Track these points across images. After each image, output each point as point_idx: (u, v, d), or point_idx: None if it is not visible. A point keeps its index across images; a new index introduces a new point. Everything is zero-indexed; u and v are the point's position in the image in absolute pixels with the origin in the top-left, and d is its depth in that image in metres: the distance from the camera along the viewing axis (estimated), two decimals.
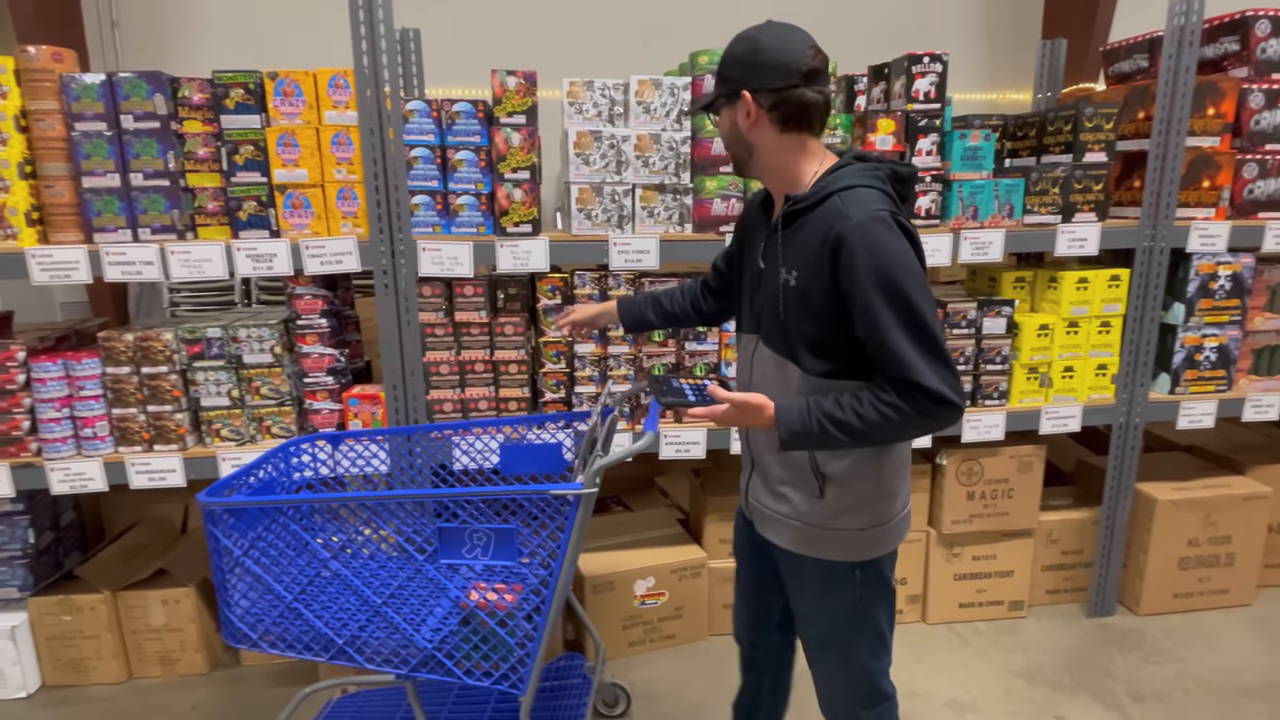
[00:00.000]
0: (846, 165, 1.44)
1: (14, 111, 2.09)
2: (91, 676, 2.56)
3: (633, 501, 3.29)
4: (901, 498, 1.56)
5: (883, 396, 1.35)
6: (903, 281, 1.31)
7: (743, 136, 1.46)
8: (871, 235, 1.32)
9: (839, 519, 1.50)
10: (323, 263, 2.21)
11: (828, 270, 1.37)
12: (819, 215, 1.40)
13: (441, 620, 1.79)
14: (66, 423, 2.26)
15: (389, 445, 2.28)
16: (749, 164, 1.51)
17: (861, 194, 1.37)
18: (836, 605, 1.56)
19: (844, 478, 1.48)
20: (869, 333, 1.35)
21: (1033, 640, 2.77)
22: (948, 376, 1.32)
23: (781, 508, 1.56)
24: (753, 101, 1.41)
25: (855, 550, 1.51)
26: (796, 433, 1.39)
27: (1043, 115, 2.66)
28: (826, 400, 1.39)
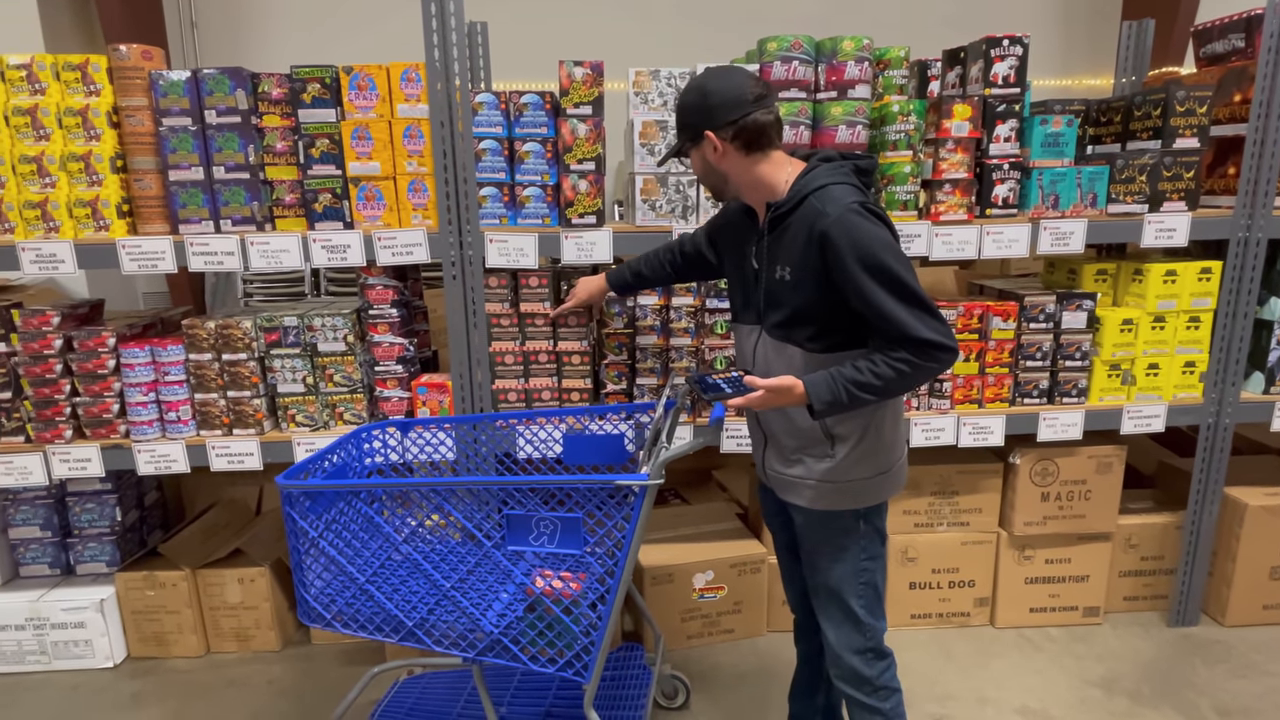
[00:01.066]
0: (815, 168, 1.64)
1: (107, 108, 2.19)
2: (172, 650, 2.68)
3: (690, 495, 3.28)
4: (899, 447, 1.77)
5: (892, 354, 1.53)
6: (882, 257, 1.51)
7: (715, 169, 1.67)
8: (849, 225, 1.52)
9: (849, 471, 1.69)
10: (394, 254, 2.25)
11: (816, 262, 1.57)
12: (800, 215, 1.59)
13: (507, 606, 1.81)
14: (152, 406, 2.36)
15: (455, 433, 2.32)
16: (726, 189, 1.72)
17: (834, 190, 1.57)
18: (841, 554, 1.74)
19: (851, 434, 1.68)
20: (865, 307, 1.54)
21: (1109, 648, 2.66)
22: (940, 327, 1.52)
23: (797, 470, 1.74)
24: (715, 138, 1.61)
25: (862, 497, 1.71)
26: (828, 401, 1.56)
27: (1129, 100, 2.54)
28: (845, 369, 1.56)
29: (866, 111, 2.27)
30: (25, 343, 2.28)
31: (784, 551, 2.02)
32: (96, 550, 2.70)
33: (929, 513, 2.70)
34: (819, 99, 2.29)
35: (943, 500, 2.69)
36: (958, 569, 2.73)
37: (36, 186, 2.19)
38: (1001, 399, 2.52)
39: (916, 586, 2.74)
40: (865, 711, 1.78)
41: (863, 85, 2.26)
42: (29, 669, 2.61)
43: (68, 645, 2.60)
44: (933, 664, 2.57)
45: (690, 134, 1.66)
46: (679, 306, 2.42)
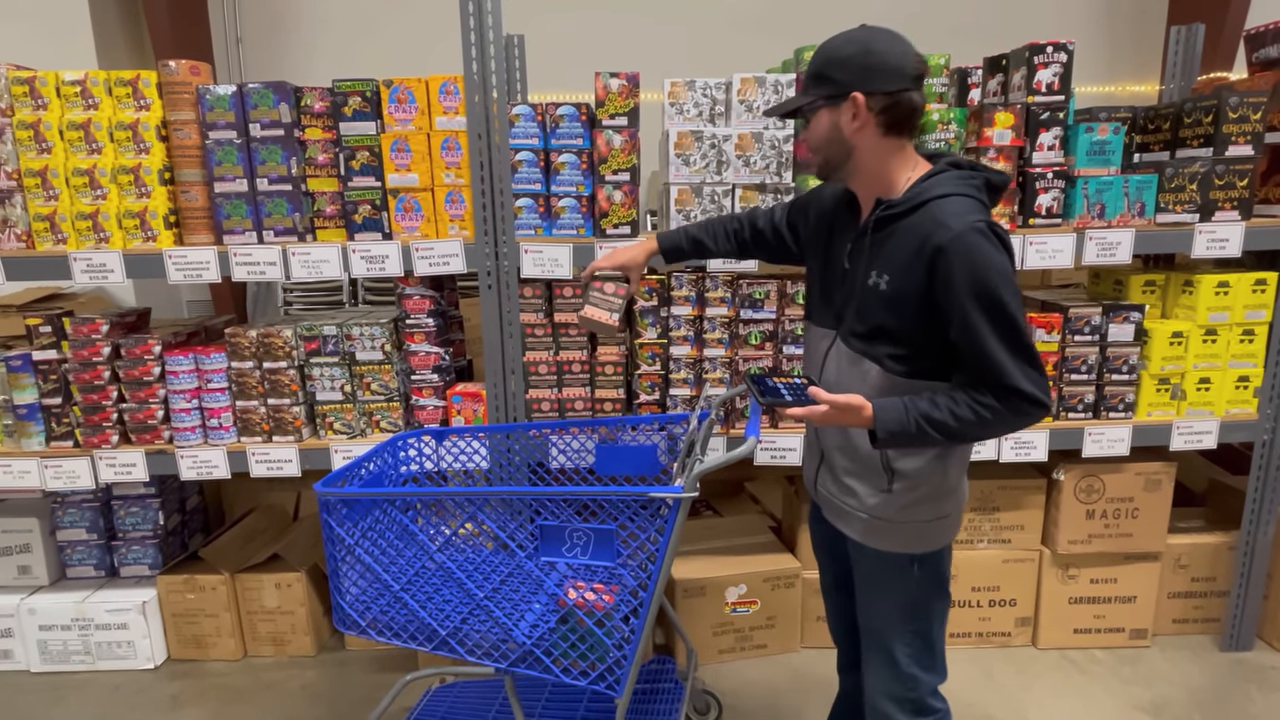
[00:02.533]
0: (942, 172, 1.46)
1: (156, 122, 2.25)
2: (211, 652, 2.73)
3: (722, 506, 3.25)
4: (962, 490, 1.62)
5: (978, 398, 1.40)
6: (999, 291, 1.35)
7: (844, 139, 1.45)
8: (971, 246, 1.35)
9: (906, 512, 1.55)
10: (431, 264, 2.28)
11: (923, 278, 1.40)
12: (914, 222, 1.42)
13: (540, 617, 1.81)
14: (195, 413, 2.41)
15: (489, 442, 2.33)
16: (842, 167, 1.51)
17: (957, 203, 1.40)
18: (891, 597, 1.60)
19: (912, 472, 1.53)
20: (965, 340, 1.39)
21: (1158, 672, 2.57)
22: (1039, 379, 1.38)
23: (849, 500, 1.61)
24: (864, 103, 1.40)
25: (918, 542, 1.57)
26: (894, 432, 1.42)
27: (1178, 106, 2.47)
28: (921, 400, 1.42)
29: None
30: (75, 350, 2.35)
31: (831, 584, 1.91)
32: (140, 553, 2.76)
33: (969, 529, 2.63)
34: None
35: (983, 516, 2.62)
36: (998, 587, 2.67)
37: (88, 198, 2.26)
38: None
39: (956, 605, 2.68)
40: None
41: None
42: (74, 668, 2.67)
43: (111, 646, 2.65)
44: (972, 685, 2.51)
45: (832, 90, 1.42)
46: (713, 317, 2.40)
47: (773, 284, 2.38)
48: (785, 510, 2.99)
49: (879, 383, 1.49)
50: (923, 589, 1.59)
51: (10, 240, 2.29)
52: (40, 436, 2.41)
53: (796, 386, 1.47)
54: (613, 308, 1.90)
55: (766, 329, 2.42)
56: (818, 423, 1.46)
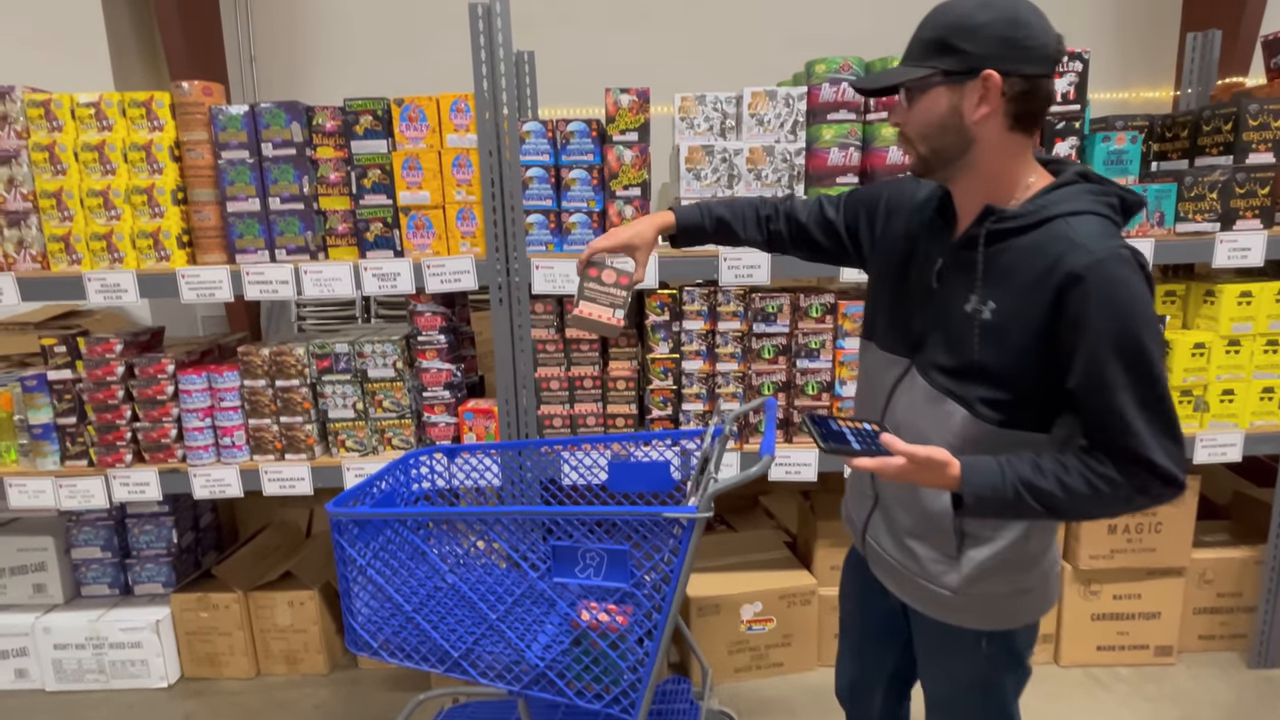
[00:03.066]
0: (1072, 184, 1.20)
1: (169, 142, 2.26)
2: (224, 671, 2.72)
3: (737, 521, 3.22)
4: (1050, 556, 1.36)
5: (1096, 467, 1.14)
6: (1145, 340, 1.11)
7: (964, 128, 1.17)
8: (1115, 280, 1.10)
9: (975, 584, 1.30)
10: (443, 281, 2.27)
11: (1046, 311, 1.14)
12: (1038, 241, 1.16)
13: (553, 639, 1.79)
14: (208, 431, 2.41)
15: (501, 459, 2.31)
16: (954, 163, 1.22)
17: (1093, 223, 1.15)
18: (957, 674, 1.41)
19: (988, 538, 1.28)
20: (1093, 395, 1.13)
21: (1184, 690, 2.51)
22: (1177, 454, 1.13)
23: (908, 562, 1.37)
24: (1001, 84, 1.13)
25: (990, 618, 1.33)
26: (985, 498, 1.16)
27: (1197, 114, 2.44)
28: (1022, 463, 1.17)
29: None
30: (89, 369, 2.36)
31: (856, 635, 1.66)
32: (154, 571, 2.76)
33: None
34: (869, 120, 2.25)
35: None
36: None
37: (103, 219, 2.27)
38: None
39: None
40: None
41: None
42: (88, 687, 2.67)
43: (125, 665, 2.65)
44: None
45: (959, 64, 1.14)
46: (725, 331, 2.39)
47: (785, 297, 2.36)
48: (800, 525, 2.96)
49: (964, 430, 1.23)
50: (993, 666, 1.35)
51: (25, 261, 2.31)
52: (55, 456, 2.42)
53: (866, 433, 1.23)
54: (614, 302, 1.51)
55: (780, 343, 2.39)
56: (890, 477, 1.18)
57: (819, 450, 1.24)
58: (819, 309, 2.36)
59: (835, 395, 2.41)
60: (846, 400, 2.40)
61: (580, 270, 1.54)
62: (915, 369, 1.31)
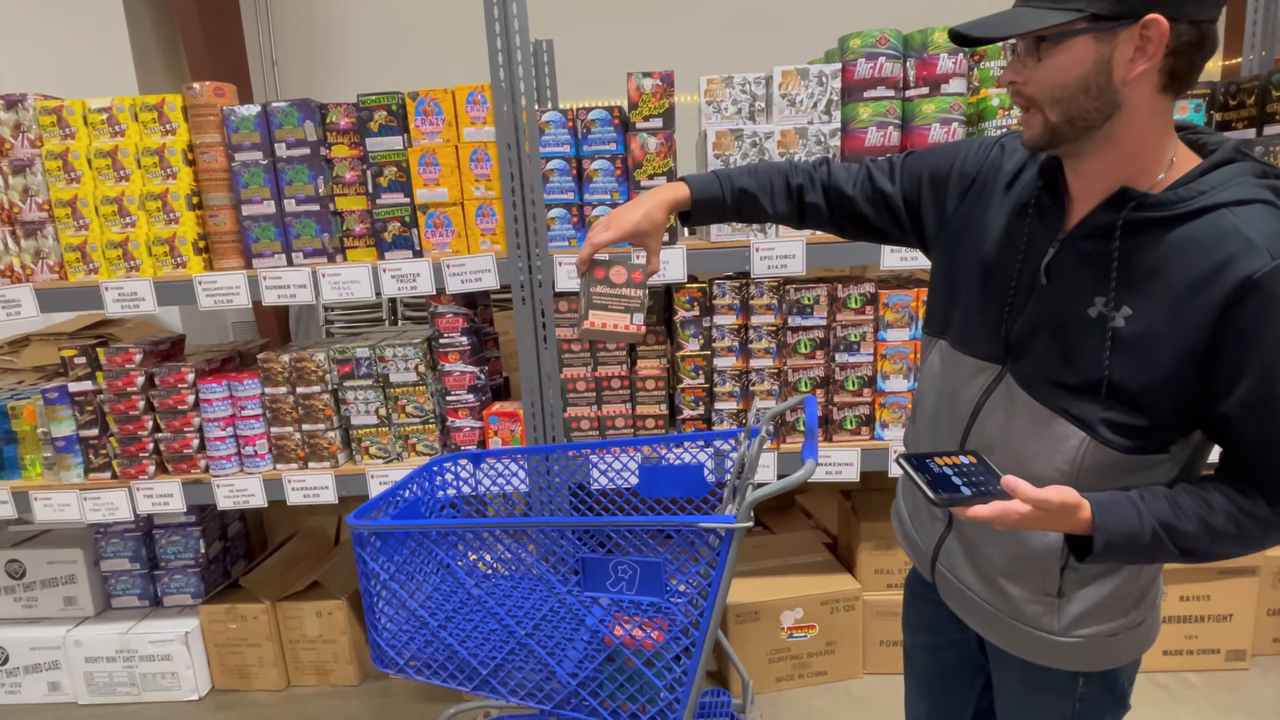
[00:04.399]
0: (1230, 161, 0.97)
1: (182, 146, 2.21)
2: (254, 683, 2.68)
3: (773, 522, 3.10)
4: (1157, 585, 1.18)
5: (1247, 506, 0.97)
6: None
7: (1112, 87, 0.94)
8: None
9: (1079, 623, 1.12)
10: (463, 281, 2.19)
11: (1208, 321, 0.94)
12: (1196, 236, 0.95)
13: (585, 655, 1.70)
14: (230, 441, 2.36)
15: (528, 464, 2.23)
16: (1090, 134, 0.98)
17: (1268, 216, 0.93)
18: (1047, 714, 1.22)
19: (1096, 573, 1.10)
20: (1257, 422, 0.95)
21: (1260, 698, 2.34)
22: None
23: (997, 602, 1.18)
24: (1169, 30, 0.90)
25: (1090, 659, 1.15)
26: (1118, 545, 0.98)
27: (1265, 78, 2.26)
28: (1159, 502, 0.99)
29: (962, 107, 2.08)
30: (110, 380, 2.32)
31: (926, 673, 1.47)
32: (182, 582, 2.73)
33: None
34: (908, 96, 2.12)
35: None
36: None
37: (118, 226, 2.23)
38: None
39: None
40: None
41: (957, 79, 2.07)
42: (120, 700, 2.65)
43: (155, 677, 2.62)
44: None
45: (1118, 5, 0.90)
46: (759, 325, 2.27)
47: (822, 288, 2.24)
48: (841, 526, 2.83)
49: (1082, 457, 1.04)
50: (1090, 707, 1.19)
51: (43, 271, 2.27)
52: (79, 468, 2.39)
53: (973, 471, 1.01)
54: (630, 305, 1.28)
55: (817, 337, 2.27)
56: (1009, 526, 0.96)
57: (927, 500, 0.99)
58: (858, 299, 2.23)
59: (878, 390, 2.28)
60: (890, 395, 2.27)
61: (582, 273, 1.29)
62: (1014, 379, 1.10)
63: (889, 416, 2.29)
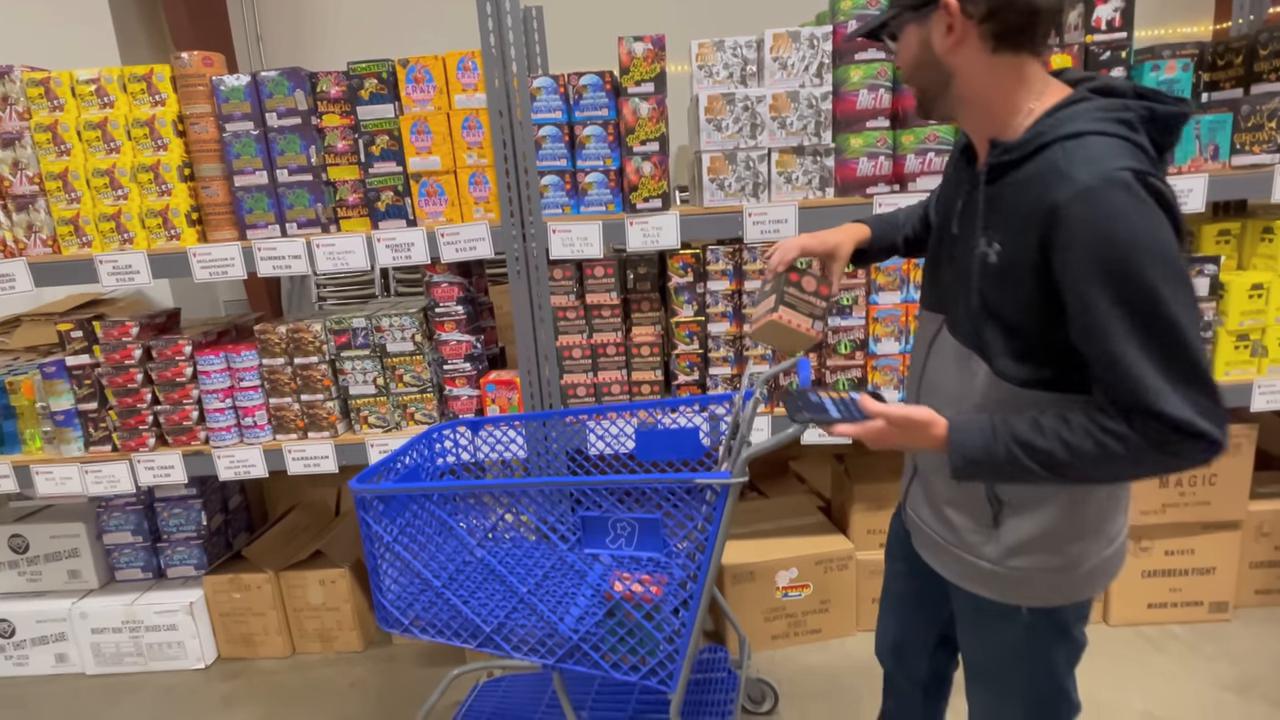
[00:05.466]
0: (1080, 101, 1.07)
1: (172, 117, 2.20)
2: (260, 650, 2.72)
3: (768, 487, 3.15)
4: (1106, 534, 1.21)
5: (1104, 422, 1.02)
6: (1144, 271, 0.96)
7: (937, 60, 1.12)
8: (1103, 204, 0.97)
9: (1015, 556, 1.20)
10: (458, 249, 2.20)
11: (1036, 247, 1.04)
12: (1034, 170, 1.06)
13: (586, 611, 1.74)
14: (229, 412, 2.38)
15: (526, 430, 2.26)
16: (941, 99, 1.16)
17: (1095, 144, 1.01)
18: (998, 647, 1.30)
19: (1027, 506, 1.18)
20: (1088, 340, 1.02)
21: (1242, 648, 2.41)
22: (1202, 402, 0.98)
23: (944, 532, 1.29)
24: (959, 10, 1.07)
25: (1030, 594, 1.22)
26: (976, 460, 1.08)
27: (1253, 38, 2.27)
28: (1021, 421, 1.06)
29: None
30: (107, 354, 2.33)
31: (897, 597, 1.59)
32: (185, 554, 2.76)
33: None
34: None
35: None
36: None
37: (110, 199, 2.22)
38: None
39: None
40: None
41: None
42: (127, 670, 2.69)
43: (161, 647, 2.66)
44: None
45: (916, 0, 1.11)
46: (752, 290, 2.29)
47: None
48: (834, 489, 2.88)
49: (988, 390, 1.14)
50: (1037, 637, 1.24)
51: (36, 245, 2.27)
52: (79, 442, 2.40)
53: (848, 402, 1.18)
54: (814, 311, 1.41)
55: None
56: (874, 443, 1.13)
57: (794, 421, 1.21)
58: None
59: (870, 353, 2.31)
60: (882, 358, 2.30)
61: (780, 272, 1.43)
62: (946, 325, 1.24)
63: (881, 379, 2.32)
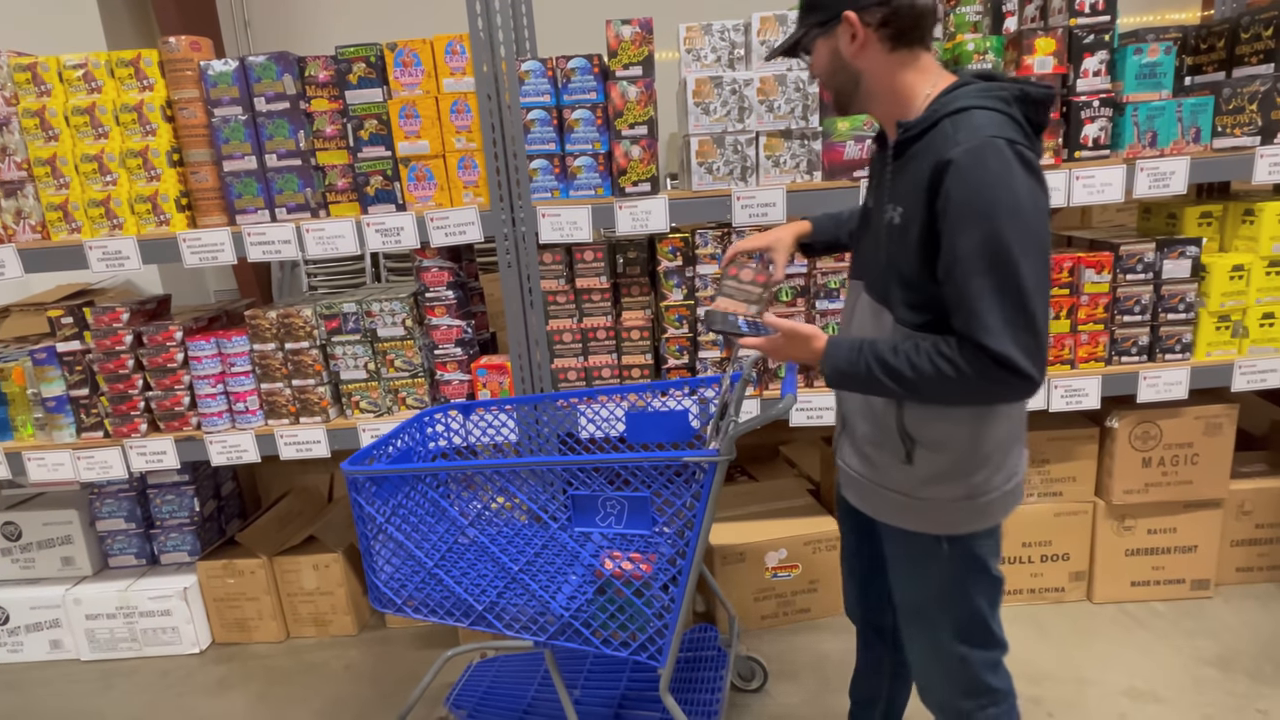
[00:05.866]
0: (965, 85, 1.26)
1: (161, 102, 2.20)
2: (254, 635, 2.74)
3: (758, 471, 3.18)
4: (1005, 470, 1.37)
5: (943, 349, 1.21)
6: (1003, 221, 1.14)
7: (847, 65, 1.32)
8: (980, 162, 1.15)
9: (927, 488, 1.36)
10: (447, 234, 2.21)
11: (925, 202, 1.22)
12: (929, 141, 1.23)
13: (576, 589, 1.76)
14: (221, 398, 2.39)
15: (517, 414, 2.27)
16: (855, 97, 1.36)
17: (978, 116, 1.19)
18: (923, 578, 1.43)
19: (935, 442, 1.34)
20: (949, 276, 1.20)
21: (1223, 623, 2.46)
22: (1026, 341, 1.15)
23: (866, 471, 1.45)
24: (859, 20, 1.27)
25: (944, 523, 1.37)
26: (842, 370, 1.31)
27: (1234, 21, 2.30)
28: (883, 344, 1.28)
29: (938, 52, 2.10)
30: (98, 339, 2.33)
31: (852, 556, 1.73)
32: (178, 540, 2.78)
33: None
34: None
35: (1033, 469, 2.52)
36: (1050, 542, 2.57)
37: (99, 185, 2.22)
38: (1096, 358, 2.34)
39: (1005, 561, 2.58)
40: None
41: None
42: (122, 655, 2.70)
43: (156, 632, 2.68)
44: (1025, 642, 2.42)
45: (823, 15, 1.30)
46: None
47: None
48: (823, 473, 2.91)
49: (891, 335, 1.33)
50: (964, 570, 1.38)
51: (25, 232, 2.27)
52: (71, 428, 2.41)
53: (755, 322, 1.44)
54: (750, 298, 1.53)
55: (798, 284, 2.32)
56: (771, 355, 1.42)
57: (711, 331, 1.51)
58: None
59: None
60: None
61: (722, 268, 1.63)
62: (864, 288, 1.43)
63: None
